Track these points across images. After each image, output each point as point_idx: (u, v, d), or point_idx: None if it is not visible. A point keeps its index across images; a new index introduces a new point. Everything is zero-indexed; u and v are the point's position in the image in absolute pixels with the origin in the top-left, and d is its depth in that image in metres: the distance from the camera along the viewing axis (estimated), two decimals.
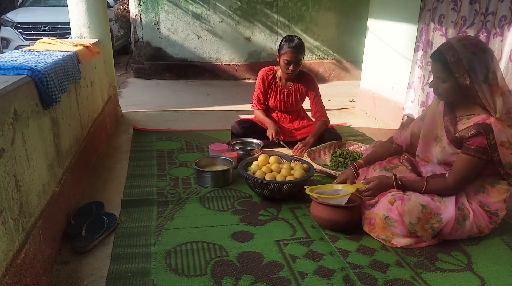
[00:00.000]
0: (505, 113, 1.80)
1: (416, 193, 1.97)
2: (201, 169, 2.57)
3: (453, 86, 1.86)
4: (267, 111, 3.35)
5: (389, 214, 1.92)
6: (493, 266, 1.82)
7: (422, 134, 2.11)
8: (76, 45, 2.81)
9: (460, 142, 1.90)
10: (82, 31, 3.49)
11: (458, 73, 1.81)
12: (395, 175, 2.04)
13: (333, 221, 2.01)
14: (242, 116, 3.67)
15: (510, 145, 1.81)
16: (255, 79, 3.37)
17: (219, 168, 2.67)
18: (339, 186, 2.19)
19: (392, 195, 1.97)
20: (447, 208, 1.91)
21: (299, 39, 3.03)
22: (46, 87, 1.78)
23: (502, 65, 2.69)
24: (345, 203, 2.05)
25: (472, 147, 1.84)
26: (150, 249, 1.86)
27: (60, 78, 2.03)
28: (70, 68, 2.27)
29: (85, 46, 2.87)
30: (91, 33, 3.51)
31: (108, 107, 3.56)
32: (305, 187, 2.16)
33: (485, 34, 2.84)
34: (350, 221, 2.02)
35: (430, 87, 2.00)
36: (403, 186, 2.01)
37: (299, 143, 3.03)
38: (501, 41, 2.73)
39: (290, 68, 3.03)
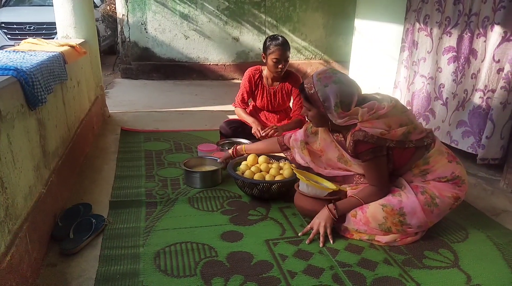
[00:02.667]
0: (367, 113, 1.92)
1: None
2: (189, 169, 2.56)
3: (317, 114, 2.06)
4: (255, 112, 3.36)
5: (357, 227, 1.98)
6: (479, 263, 1.85)
7: (326, 158, 2.25)
8: (62, 45, 2.78)
9: (356, 156, 2.02)
10: (68, 31, 3.45)
11: (316, 103, 2.01)
12: (329, 206, 2.01)
13: (315, 211, 2.07)
14: (231, 116, 3.67)
15: (392, 128, 1.91)
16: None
17: (208, 168, 2.67)
18: (324, 181, 2.23)
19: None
20: (408, 199, 1.94)
21: (283, 37, 3.05)
22: (31, 88, 1.76)
23: (486, 65, 2.74)
24: (327, 194, 2.11)
25: (364, 152, 1.94)
26: (139, 250, 1.85)
27: (46, 79, 2.00)
28: (56, 69, 2.25)
29: (71, 46, 2.84)
30: (77, 33, 3.47)
31: (95, 108, 3.53)
32: (293, 166, 2.30)
33: (469, 34, 2.89)
34: None
35: (302, 114, 2.23)
36: (340, 212, 2.01)
37: (268, 128, 3.02)
38: (484, 41, 2.78)
39: (280, 66, 3.04)
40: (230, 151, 2.71)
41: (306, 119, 2.22)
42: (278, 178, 2.38)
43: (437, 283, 1.70)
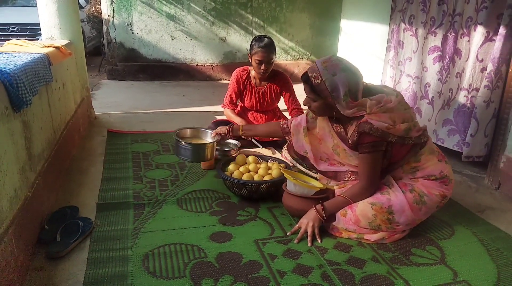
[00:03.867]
0: (375, 105, 1.91)
1: None
2: (180, 140, 2.47)
3: (322, 104, 2.01)
4: (243, 112, 3.36)
5: (347, 226, 1.99)
6: (465, 259, 1.88)
7: (323, 147, 2.22)
8: (47, 46, 2.74)
9: (356, 147, 2.01)
10: (53, 32, 3.41)
11: (322, 93, 1.96)
12: (317, 207, 2.02)
13: (303, 210, 2.08)
14: (219, 117, 3.66)
15: (396, 123, 1.92)
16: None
17: (200, 141, 2.59)
18: (311, 180, 2.25)
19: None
20: (396, 197, 1.96)
21: (269, 38, 3.05)
22: (16, 90, 1.73)
23: (470, 64, 2.79)
24: (314, 193, 2.12)
25: (365, 144, 1.94)
26: (127, 252, 1.84)
27: (30, 80, 1.98)
28: (41, 70, 2.22)
29: (56, 48, 2.80)
30: (62, 34, 3.43)
31: (81, 109, 3.49)
32: (280, 166, 2.29)
33: (453, 34, 2.93)
34: None
35: (304, 105, 2.14)
36: (328, 212, 2.01)
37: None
38: (468, 41, 2.83)
39: (262, 67, 3.05)
40: (225, 128, 2.57)
41: (310, 110, 2.15)
42: (266, 178, 2.38)
43: (424, 279, 1.73)
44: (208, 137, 2.66)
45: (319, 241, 1.97)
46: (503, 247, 1.99)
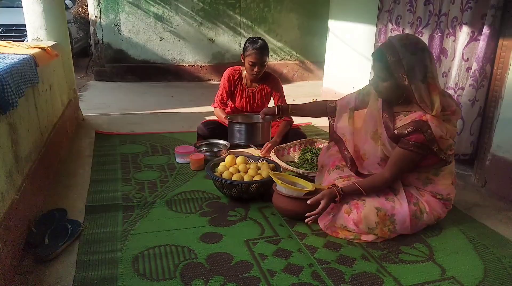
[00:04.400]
0: (442, 110, 1.88)
1: (370, 197, 2.01)
2: (234, 121, 2.39)
3: (392, 85, 1.90)
4: (233, 113, 3.36)
5: (346, 224, 1.99)
6: (453, 256, 1.91)
7: (362, 129, 2.15)
8: (33, 47, 2.71)
9: (398, 139, 1.95)
10: (39, 33, 3.37)
11: (397, 73, 1.85)
12: (335, 186, 2.03)
13: (293, 211, 2.11)
14: (208, 118, 3.66)
15: (447, 136, 1.91)
16: (220, 80, 3.37)
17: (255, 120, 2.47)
18: (300, 181, 2.25)
19: (347, 203, 2.01)
20: (402, 207, 1.97)
21: (263, 40, 3.06)
22: (1, 92, 1.71)
23: (455, 63, 2.82)
24: (304, 194, 2.12)
25: (410, 142, 1.90)
26: (116, 254, 1.83)
27: (16, 82, 1.95)
28: (27, 72, 2.19)
29: (43, 49, 2.77)
30: (48, 35, 3.40)
31: (68, 111, 3.46)
32: (270, 171, 2.28)
33: (439, 34, 2.97)
34: (308, 211, 2.09)
35: (370, 85, 2.03)
36: (344, 195, 2.01)
37: (266, 143, 3.06)
38: (454, 40, 2.86)
39: (255, 69, 3.05)
40: (274, 108, 2.42)
41: (374, 90, 2.01)
42: (256, 178, 2.39)
43: (413, 276, 1.74)
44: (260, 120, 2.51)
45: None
46: (489, 243, 2.02)
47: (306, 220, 1.99)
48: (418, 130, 1.86)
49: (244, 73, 3.23)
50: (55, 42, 3.35)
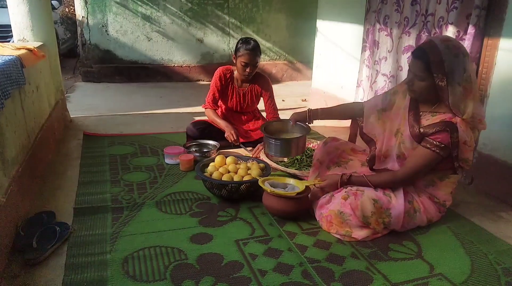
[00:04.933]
0: (472, 116, 1.89)
1: (369, 188, 2.05)
2: (270, 136, 2.31)
3: (429, 85, 1.90)
4: (222, 114, 3.35)
5: (343, 209, 2.00)
6: (441, 253, 1.93)
7: (388, 128, 2.16)
8: (19, 48, 2.68)
9: (421, 137, 1.96)
10: (25, 34, 3.33)
11: (437, 73, 1.85)
12: (342, 175, 2.12)
13: (283, 211, 2.12)
14: (197, 118, 3.65)
15: (470, 144, 1.93)
16: (209, 81, 3.37)
17: (290, 135, 2.41)
18: (290, 180, 2.27)
19: (345, 192, 2.04)
20: (398, 202, 2.00)
21: (256, 41, 3.07)
22: None
23: None
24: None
25: (434, 142, 1.91)
26: (106, 257, 1.82)
27: (2, 83, 1.93)
28: (13, 73, 2.16)
29: (29, 50, 2.74)
30: (35, 36, 3.35)
31: (55, 113, 3.42)
32: (258, 177, 2.26)
33: (426, 33, 3.00)
34: (299, 210, 2.15)
35: (406, 83, 2.03)
36: (350, 183, 2.09)
37: (258, 145, 3.06)
38: None
39: (247, 70, 3.06)
40: (305, 113, 2.35)
41: (408, 88, 2.01)
42: (246, 178, 2.39)
43: (402, 274, 1.76)
44: (295, 129, 2.44)
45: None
46: (476, 239, 2.06)
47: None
48: (447, 130, 1.87)
49: (236, 73, 3.23)
50: (41, 43, 3.31)
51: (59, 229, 1.94)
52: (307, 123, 2.38)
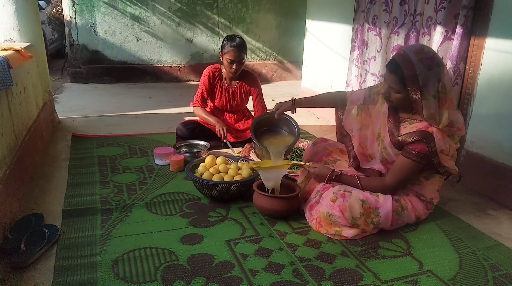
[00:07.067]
0: (446, 125, 1.91)
1: (357, 189, 2.06)
2: (260, 145, 2.37)
3: (405, 97, 1.92)
4: (212, 113, 3.35)
5: (332, 211, 2.01)
6: (430, 250, 1.95)
7: (370, 130, 2.18)
8: (6, 49, 2.65)
9: (401, 145, 1.99)
10: (11, 35, 3.29)
11: (411, 87, 1.87)
12: (333, 170, 2.14)
13: (274, 210, 2.13)
14: (187, 118, 3.64)
15: (449, 153, 1.96)
16: (199, 81, 3.35)
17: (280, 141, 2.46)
18: (278, 164, 2.27)
19: (333, 193, 2.05)
20: (385, 202, 2.02)
21: (241, 38, 3.06)
22: None
23: None
24: (285, 194, 2.18)
25: (414, 152, 1.94)
26: (96, 258, 1.80)
27: None
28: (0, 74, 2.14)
29: (16, 50, 2.71)
30: (22, 37, 3.32)
31: (43, 114, 3.39)
32: (251, 164, 2.34)
33: (415, 33, 3.03)
34: (289, 210, 2.16)
35: (382, 94, 2.05)
36: (339, 181, 2.11)
37: (247, 144, 3.07)
38: (429, 40, 2.93)
39: (233, 67, 3.06)
40: (289, 103, 2.38)
41: (384, 98, 2.03)
42: (236, 178, 2.39)
43: (392, 271, 1.78)
44: (284, 126, 2.51)
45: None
46: (464, 236, 2.08)
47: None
48: (423, 140, 1.90)
49: (224, 71, 3.23)
50: (29, 44, 3.28)
51: (47, 232, 1.92)
52: (295, 122, 2.46)
